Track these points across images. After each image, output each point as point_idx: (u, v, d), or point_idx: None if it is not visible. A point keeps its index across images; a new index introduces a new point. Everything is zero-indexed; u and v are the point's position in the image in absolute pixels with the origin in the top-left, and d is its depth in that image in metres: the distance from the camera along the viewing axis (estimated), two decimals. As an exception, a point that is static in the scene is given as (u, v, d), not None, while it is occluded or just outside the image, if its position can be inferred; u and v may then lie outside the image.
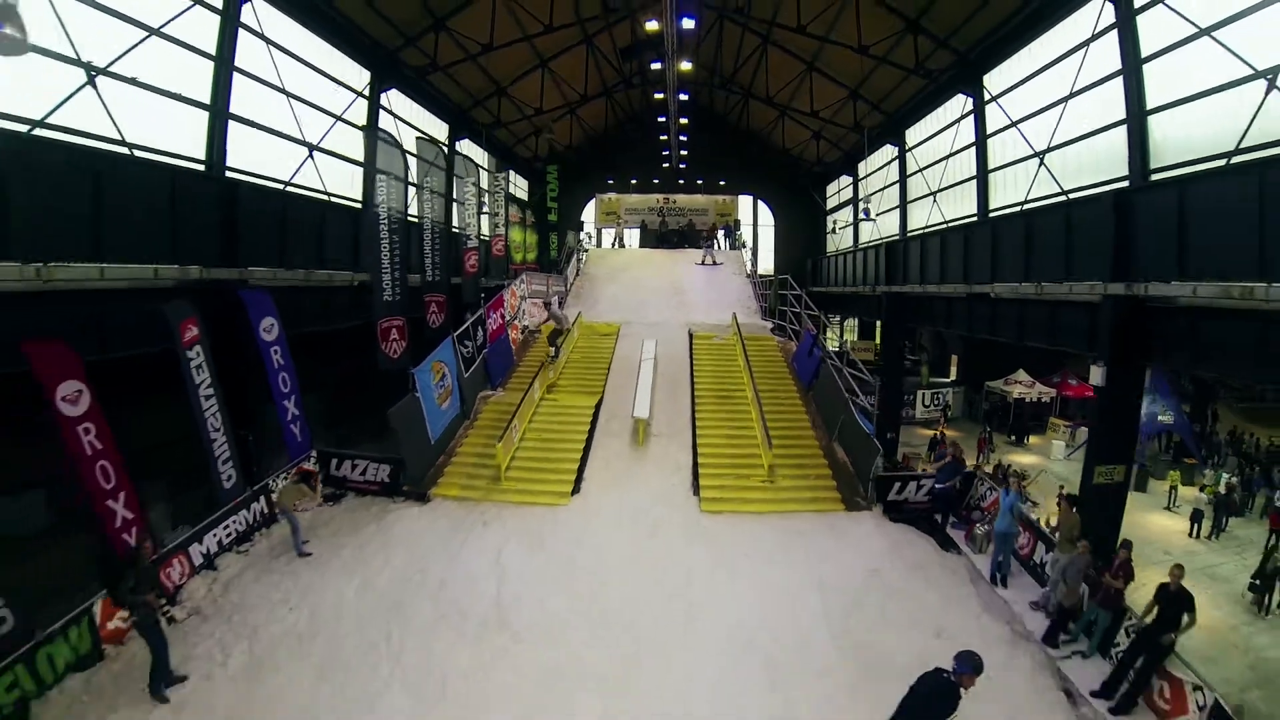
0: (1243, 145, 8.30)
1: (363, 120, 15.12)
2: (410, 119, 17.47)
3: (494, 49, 16.22)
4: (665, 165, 29.46)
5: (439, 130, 19.02)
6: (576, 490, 9.77)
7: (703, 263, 22.54)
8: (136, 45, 9.30)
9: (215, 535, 8.77)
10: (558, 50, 19.73)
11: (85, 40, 8.57)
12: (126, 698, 6.23)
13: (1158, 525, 16.37)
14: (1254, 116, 8.15)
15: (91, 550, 7.97)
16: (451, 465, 10.69)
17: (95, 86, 8.84)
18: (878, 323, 23.23)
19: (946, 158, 16.82)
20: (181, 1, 10.05)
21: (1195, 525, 15.83)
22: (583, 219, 30.42)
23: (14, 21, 5.56)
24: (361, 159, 15.26)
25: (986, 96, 14.31)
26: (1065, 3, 11.23)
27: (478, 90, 19.48)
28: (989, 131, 14.45)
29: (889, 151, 20.65)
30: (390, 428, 10.11)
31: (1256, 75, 8.12)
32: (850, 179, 24.72)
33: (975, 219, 14.96)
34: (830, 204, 28.23)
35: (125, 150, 9.23)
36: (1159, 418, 19.41)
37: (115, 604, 6.83)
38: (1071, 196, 11.64)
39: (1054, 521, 11.40)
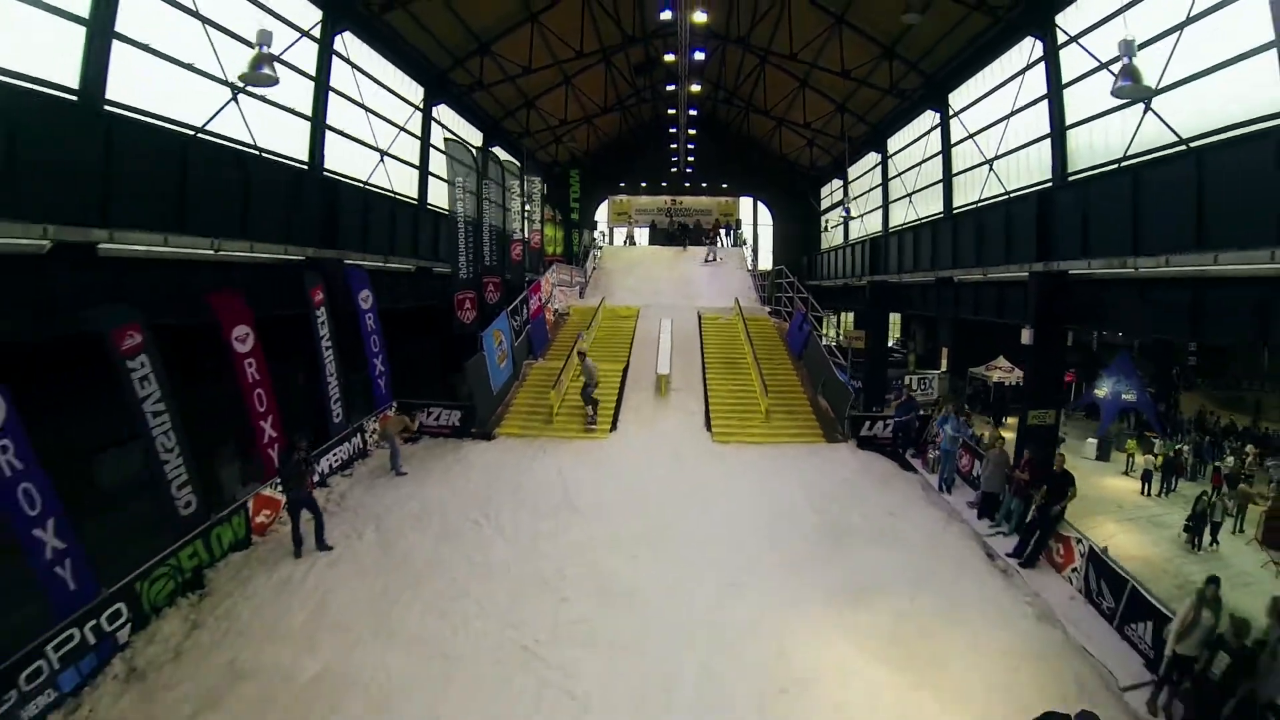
0: (1129, 152, 10.77)
1: (418, 129, 17.63)
2: (452, 128, 19.96)
3: (532, 71, 18.71)
4: (673, 169, 31.96)
5: (475, 137, 21.51)
6: (614, 428, 12.21)
7: (708, 258, 25.01)
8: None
9: (328, 460, 11.16)
10: (580, 69, 22.23)
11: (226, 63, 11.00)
12: (281, 563, 8.40)
13: (1114, 486, 18.65)
14: (1134, 133, 10.63)
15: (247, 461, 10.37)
16: (509, 413, 13.13)
17: (237, 102, 11.30)
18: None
19: (920, 163, 19.31)
20: (289, 33, 12.49)
21: (1146, 485, 18.08)
22: (596, 218, 32.94)
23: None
24: (416, 163, 17.81)
25: (950, 112, 16.80)
26: (1006, 38, 13.73)
27: (509, 103, 21.98)
28: (952, 141, 16.92)
29: (873, 158, 23.13)
30: (453, 385, 12.54)
31: (1136, 100, 10.57)
32: (841, 182, 27.20)
33: (941, 216, 17.42)
34: (824, 205, 30.72)
35: (255, 152, 11.69)
36: (1123, 396, 21.45)
37: (283, 489, 9.17)
38: (1011, 195, 14.09)
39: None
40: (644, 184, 32.98)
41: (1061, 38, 12.44)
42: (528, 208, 19.70)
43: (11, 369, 6.91)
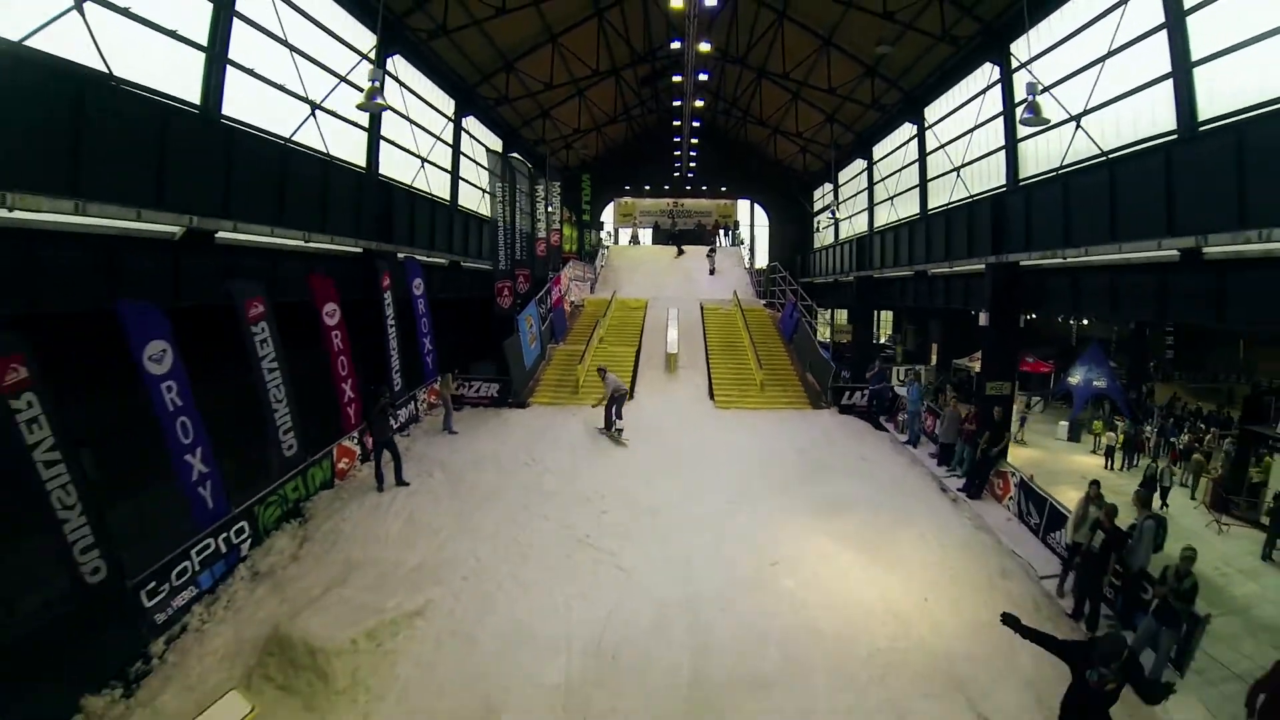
0: (1064, 162, 12.91)
1: (449, 138, 19.66)
2: (478, 136, 22.01)
3: (552, 88, 20.78)
4: (675, 174, 34.06)
5: (495, 144, 23.54)
6: (631, 397, 14.22)
7: (709, 256, 27.04)
8: (371, 97, 13.82)
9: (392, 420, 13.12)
10: (592, 84, 24.32)
11: (308, 84, 13.01)
12: (367, 496, 10.27)
13: (1080, 462, 20.63)
14: (1068, 146, 12.77)
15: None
16: (539, 387, 15.15)
17: (315, 116, 13.26)
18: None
19: (901, 169, 21.43)
20: (351, 57, 14.49)
21: (1109, 460, 20.14)
22: (602, 219, 35.02)
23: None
24: (448, 168, 19.83)
25: (926, 124, 18.92)
26: (969, 63, 15.94)
27: (527, 113, 24.03)
28: (927, 150, 19.05)
29: (860, 164, 25.25)
30: (495, 359, 14.53)
31: (1042, 128, 12.68)
32: (830, 186, 29.33)
33: (917, 217, 19.55)
34: (816, 207, 32.85)
35: (328, 158, 13.68)
36: (1094, 383, 23.54)
37: (370, 431, 11.07)
38: (974, 198, 16.20)
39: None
40: (647, 187, 35.08)
41: (1015, 63, 14.61)
42: (550, 210, 21.74)
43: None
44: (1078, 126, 12.54)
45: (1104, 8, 11.59)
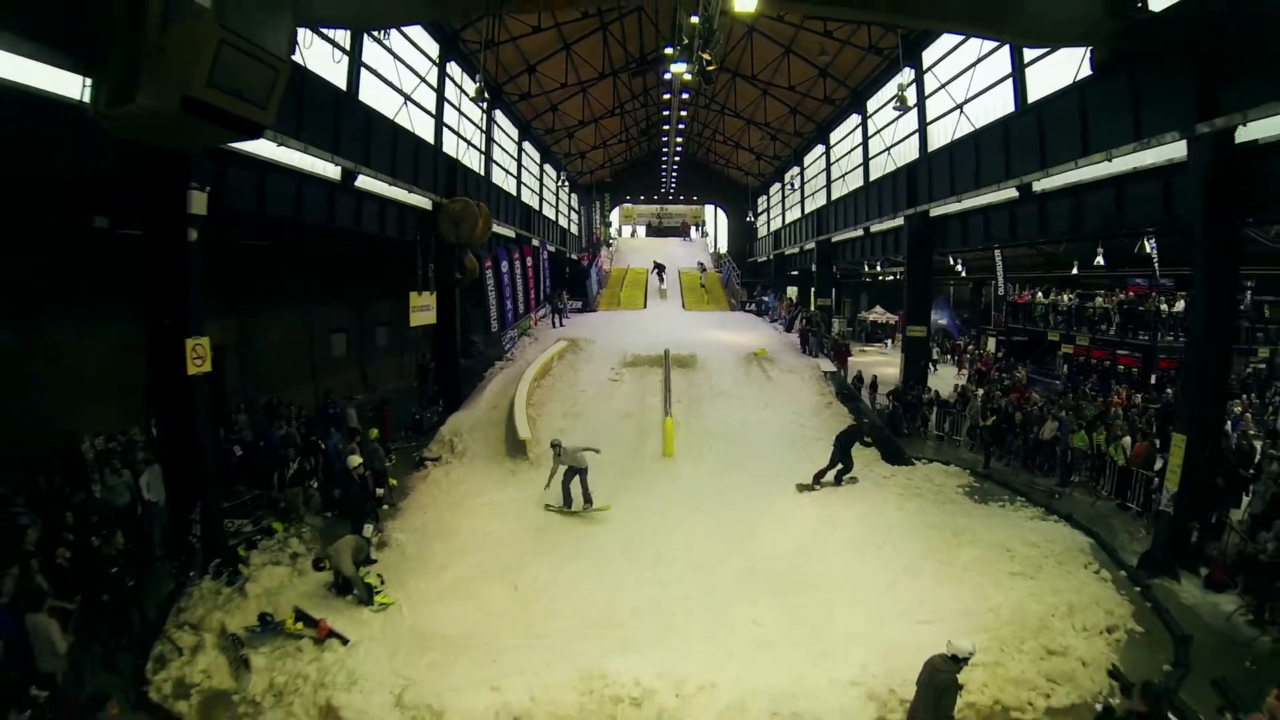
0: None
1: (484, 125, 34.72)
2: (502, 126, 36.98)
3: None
4: (661, 189, 49.34)
5: (513, 132, 38.01)
6: (644, 306, 29.62)
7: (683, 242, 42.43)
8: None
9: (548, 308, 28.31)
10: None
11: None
12: (549, 330, 25.77)
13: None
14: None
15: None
16: (599, 303, 30.49)
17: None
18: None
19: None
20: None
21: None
22: (610, 220, 50.23)
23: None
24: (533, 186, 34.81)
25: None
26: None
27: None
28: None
29: (820, 149, 39.19)
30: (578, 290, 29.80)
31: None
32: (778, 190, 44.55)
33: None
34: (760, 208, 48.22)
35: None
36: (939, 322, 38.72)
37: (552, 308, 26.33)
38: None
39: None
40: (642, 197, 50.34)
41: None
42: (595, 217, 37.07)
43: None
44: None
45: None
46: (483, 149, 24.22)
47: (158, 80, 5.98)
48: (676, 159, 42.49)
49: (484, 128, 24.15)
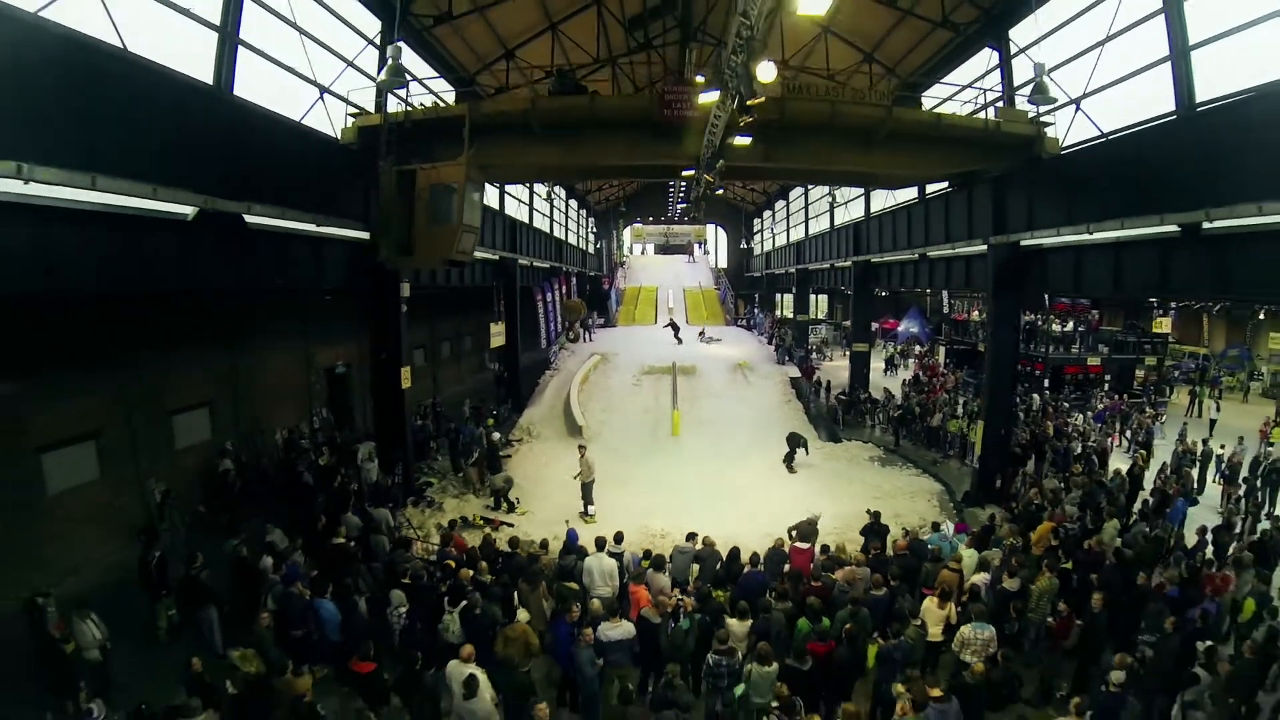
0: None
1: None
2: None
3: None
4: (668, 212, 55.78)
5: (562, 190, 44.85)
6: (655, 322, 36.11)
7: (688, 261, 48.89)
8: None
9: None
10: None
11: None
12: (580, 348, 32.23)
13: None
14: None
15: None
16: (618, 319, 37.01)
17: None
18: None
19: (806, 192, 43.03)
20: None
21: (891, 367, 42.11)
22: (623, 239, 56.72)
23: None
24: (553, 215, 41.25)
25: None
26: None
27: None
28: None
29: (781, 202, 46.42)
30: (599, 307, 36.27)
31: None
32: (769, 216, 50.89)
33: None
34: (755, 229, 54.53)
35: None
36: (910, 330, 45.17)
37: (581, 327, 32.83)
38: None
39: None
40: (650, 219, 56.80)
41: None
42: (613, 246, 43.60)
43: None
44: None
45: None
46: (527, 202, 30.65)
47: (428, 249, 12.52)
48: (682, 191, 48.95)
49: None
